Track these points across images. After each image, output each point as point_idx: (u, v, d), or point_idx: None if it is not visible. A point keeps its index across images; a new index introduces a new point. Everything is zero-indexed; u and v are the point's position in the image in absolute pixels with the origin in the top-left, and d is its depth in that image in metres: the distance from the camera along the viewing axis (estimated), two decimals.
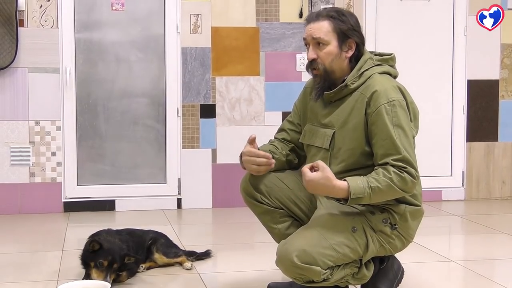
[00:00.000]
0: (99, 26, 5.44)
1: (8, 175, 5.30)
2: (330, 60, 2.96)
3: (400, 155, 2.83)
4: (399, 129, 2.86)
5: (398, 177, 2.81)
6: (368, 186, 2.79)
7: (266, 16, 5.58)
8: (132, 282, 3.55)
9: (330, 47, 2.95)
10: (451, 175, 5.96)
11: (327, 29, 2.95)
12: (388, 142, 2.85)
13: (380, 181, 2.81)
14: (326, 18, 2.96)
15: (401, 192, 2.84)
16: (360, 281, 3.01)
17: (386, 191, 2.81)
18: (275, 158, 3.16)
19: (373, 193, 2.80)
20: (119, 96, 5.49)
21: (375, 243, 2.93)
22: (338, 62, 2.98)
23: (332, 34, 2.95)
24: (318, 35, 2.95)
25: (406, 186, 2.83)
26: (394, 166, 2.83)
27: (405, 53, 5.67)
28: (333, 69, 2.98)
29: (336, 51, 2.96)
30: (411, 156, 2.86)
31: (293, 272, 2.84)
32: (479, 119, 5.94)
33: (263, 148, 3.18)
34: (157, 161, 5.57)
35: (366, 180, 2.81)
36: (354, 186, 2.80)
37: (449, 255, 4.19)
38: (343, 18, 2.96)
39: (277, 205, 3.12)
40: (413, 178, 2.83)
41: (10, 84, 5.26)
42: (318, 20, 2.96)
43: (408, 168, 2.83)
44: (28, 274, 3.72)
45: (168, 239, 3.96)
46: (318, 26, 2.96)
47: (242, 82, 5.59)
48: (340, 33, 2.95)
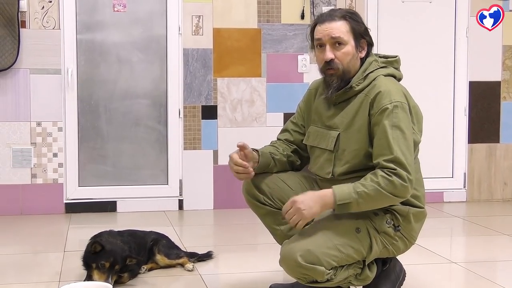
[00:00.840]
0: (101, 27, 5.44)
1: (9, 176, 5.30)
2: (348, 60, 2.96)
3: (392, 155, 2.81)
4: (397, 131, 2.85)
5: (386, 181, 2.79)
6: (354, 191, 2.79)
7: (267, 17, 5.58)
8: (133, 283, 3.55)
9: (348, 47, 2.96)
10: (452, 177, 5.96)
11: (346, 29, 2.95)
12: (383, 142, 2.84)
13: (366, 185, 2.80)
14: (342, 18, 2.96)
15: (391, 196, 2.80)
16: (363, 282, 3.01)
17: (374, 196, 2.79)
18: (276, 159, 3.16)
19: (360, 198, 2.78)
20: (121, 97, 5.50)
21: (378, 244, 2.93)
22: (354, 62, 2.98)
23: (349, 34, 2.96)
24: (337, 34, 2.94)
25: (395, 189, 2.79)
26: (384, 167, 2.81)
27: (407, 55, 5.64)
28: (349, 69, 2.98)
29: (353, 52, 2.97)
30: (406, 158, 2.82)
31: (297, 272, 2.84)
32: (481, 120, 5.94)
33: (264, 149, 3.18)
34: (159, 162, 5.57)
35: (352, 186, 2.81)
36: (339, 192, 2.80)
37: (450, 257, 4.19)
38: (357, 19, 2.99)
39: (280, 206, 3.11)
40: (403, 181, 2.79)
41: (12, 85, 5.27)
42: (334, 20, 2.96)
43: (397, 170, 2.79)
44: (29, 275, 3.72)
45: (169, 241, 3.96)
46: (337, 26, 2.95)
47: (244, 83, 5.59)
48: (356, 34, 2.96)
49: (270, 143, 3.28)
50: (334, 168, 3.00)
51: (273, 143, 3.28)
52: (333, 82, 3.00)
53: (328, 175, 3.03)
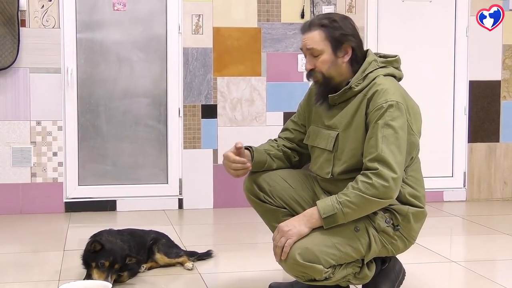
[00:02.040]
0: (100, 26, 5.44)
1: (9, 175, 5.30)
2: (326, 68, 2.98)
3: (375, 154, 2.80)
4: (389, 129, 2.83)
5: (366, 185, 2.78)
6: (337, 202, 2.80)
7: (267, 16, 5.58)
8: (133, 282, 3.55)
9: (324, 56, 2.97)
10: (452, 176, 5.96)
11: (319, 38, 2.96)
12: (373, 141, 2.84)
13: (348, 194, 2.80)
14: (317, 27, 2.97)
15: (376, 200, 2.78)
16: (362, 281, 3.01)
17: (358, 203, 2.79)
18: (271, 154, 3.18)
19: (344, 207, 2.79)
20: (121, 96, 5.50)
21: (377, 243, 2.93)
22: (335, 68, 2.99)
23: (324, 42, 2.96)
24: (310, 45, 2.98)
25: (378, 192, 2.77)
26: (367, 169, 2.81)
27: (407, 54, 5.64)
28: (331, 75, 2.99)
29: (331, 59, 2.97)
30: (395, 156, 2.79)
31: (295, 270, 2.84)
32: (481, 120, 5.94)
33: (259, 147, 3.20)
34: (159, 161, 5.57)
35: (335, 197, 2.82)
36: (322, 206, 2.82)
37: (450, 256, 4.19)
38: (334, 25, 2.96)
39: (280, 204, 3.12)
40: (384, 181, 2.76)
41: (12, 84, 5.27)
42: (310, 31, 2.98)
43: (379, 170, 2.77)
44: (29, 274, 3.72)
45: (169, 240, 3.96)
46: (311, 36, 2.98)
47: (244, 83, 5.59)
48: (332, 41, 2.96)
49: (267, 141, 3.29)
50: (333, 168, 3.00)
51: (271, 140, 3.29)
52: (319, 88, 3.05)
53: (327, 175, 3.03)
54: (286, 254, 2.82)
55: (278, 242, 2.85)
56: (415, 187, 2.99)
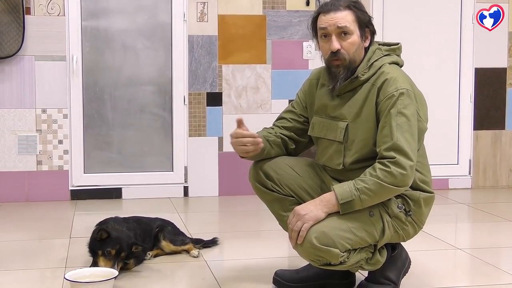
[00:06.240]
0: (105, 14, 5.43)
1: (15, 163, 5.31)
2: (354, 50, 2.94)
3: (391, 142, 2.81)
4: (402, 117, 2.84)
5: (385, 173, 2.79)
6: (355, 188, 2.81)
7: (273, 4, 5.57)
8: (139, 269, 3.56)
9: (354, 37, 2.94)
10: (458, 164, 5.96)
11: (351, 18, 2.93)
12: (387, 129, 2.84)
13: (366, 181, 2.81)
14: (347, 8, 2.93)
15: (393, 187, 2.80)
16: (373, 266, 3.00)
17: (376, 190, 2.80)
18: (270, 141, 3.12)
19: (362, 194, 2.80)
20: (126, 84, 5.50)
21: (390, 229, 2.94)
22: (359, 52, 2.96)
23: (355, 24, 2.93)
24: (344, 23, 2.92)
25: (396, 180, 2.79)
26: (383, 158, 2.81)
27: (413, 41, 5.65)
28: (355, 59, 2.96)
29: (359, 41, 2.95)
30: (410, 144, 2.81)
31: (311, 254, 2.84)
32: (486, 107, 5.92)
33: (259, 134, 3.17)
34: (164, 149, 5.58)
35: (352, 183, 2.82)
36: (340, 191, 2.83)
37: (455, 243, 4.19)
38: (362, 8, 2.97)
39: (288, 192, 3.10)
40: (402, 169, 2.78)
41: (17, 72, 5.27)
42: (340, 10, 2.93)
43: (396, 159, 2.79)
44: (35, 262, 3.74)
45: (175, 227, 3.97)
46: (342, 16, 2.92)
47: (249, 70, 5.58)
48: (361, 23, 2.95)
49: (263, 129, 3.23)
50: (344, 159, 2.98)
51: (266, 128, 3.23)
52: (339, 73, 2.97)
53: (339, 166, 3.01)
54: (303, 238, 2.82)
55: (295, 226, 2.84)
56: (423, 172, 2.99)
